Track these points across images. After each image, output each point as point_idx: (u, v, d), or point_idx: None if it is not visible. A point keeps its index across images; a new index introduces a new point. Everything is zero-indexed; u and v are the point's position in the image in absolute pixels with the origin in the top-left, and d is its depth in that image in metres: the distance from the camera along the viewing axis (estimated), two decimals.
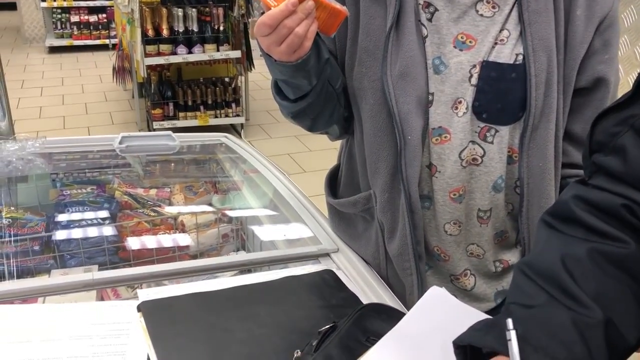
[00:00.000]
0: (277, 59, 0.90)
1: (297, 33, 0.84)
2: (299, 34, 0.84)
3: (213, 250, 1.60)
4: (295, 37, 0.85)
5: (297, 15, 0.83)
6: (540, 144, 0.95)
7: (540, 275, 0.70)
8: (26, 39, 7.85)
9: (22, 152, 1.69)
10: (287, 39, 0.85)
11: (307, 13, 0.84)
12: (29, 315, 0.93)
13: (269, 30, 0.84)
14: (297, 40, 0.85)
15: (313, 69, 0.93)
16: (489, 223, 1.01)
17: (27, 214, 1.57)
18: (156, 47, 4.43)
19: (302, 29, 0.84)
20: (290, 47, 0.86)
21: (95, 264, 1.47)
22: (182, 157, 1.95)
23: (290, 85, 0.96)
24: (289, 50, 0.87)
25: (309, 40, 0.87)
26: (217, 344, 0.87)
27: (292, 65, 0.90)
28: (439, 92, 0.95)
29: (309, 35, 0.86)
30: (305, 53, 0.88)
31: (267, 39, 0.86)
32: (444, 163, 0.97)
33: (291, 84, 0.96)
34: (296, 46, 0.86)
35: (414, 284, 1.03)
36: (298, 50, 0.87)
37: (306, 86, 0.95)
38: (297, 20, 0.84)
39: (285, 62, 0.90)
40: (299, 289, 1.03)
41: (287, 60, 0.89)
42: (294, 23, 0.84)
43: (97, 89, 6.06)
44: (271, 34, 0.85)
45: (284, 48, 0.86)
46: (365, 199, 1.08)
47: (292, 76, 0.93)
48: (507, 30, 0.94)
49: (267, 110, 5.39)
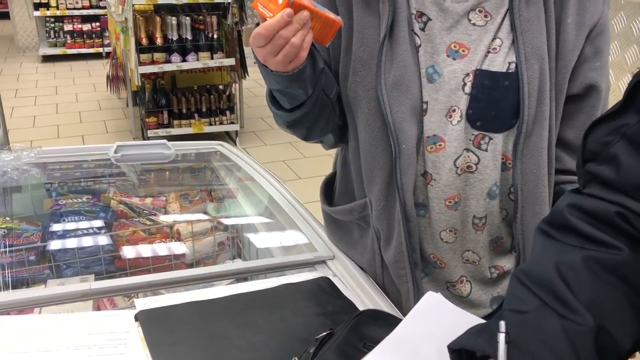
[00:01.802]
0: (273, 69, 0.90)
1: (293, 43, 0.85)
2: (295, 44, 0.85)
3: (209, 259, 1.61)
4: (291, 47, 0.85)
5: (293, 26, 0.84)
6: (534, 150, 0.96)
7: (534, 282, 0.71)
8: (19, 47, 7.84)
9: (17, 162, 1.69)
10: (284, 50, 0.86)
11: (303, 23, 0.85)
12: (26, 326, 0.93)
13: (264, 41, 0.85)
14: (293, 51, 0.86)
15: (309, 78, 0.93)
16: (484, 230, 1.02)
17: (22, 224, 1.57)
18: (150, 55, 4.44)
19: (298, 39, 0.85)
20: (286, 57, 0.87)
21: (91, 273, 1.47)
22: (177, 165, 1.95)
23: (285, 95, 0.97)
24: (285, 61, 0.87)
25: (305, 50, 0.87)
26: (215, 351, 0.88)
27: (288, 75, 0.91)
28: (433, 101, 0.96)
29: (305, 45, 0.87)
30: (301, 63, 0.89)
31: (263, 49, 0.87)
32: (439, 171, 0.98)
33: (287, 94, 0.97)
34: (292, 56, 0.87)
35: (410, 291, 1.03)
36: (294, 60, 0.88)
37: (302, 96, 0.96)
38: (293, 30, 0.84)
39: (282, 72, 0.90)
40: (296, 296, 1.04)
41: (283, 70, 0.90)
42: (290, 33, 0.84)
43: (91, 97, 6.05)
44: (267, 45, 0.86)
45: (280, 58, 0.87)
46: (360, 206, 1.08)
47: (287, 86, 0.94)
48: (499, 39, 0.95)
49: (262, 118, 5.40)
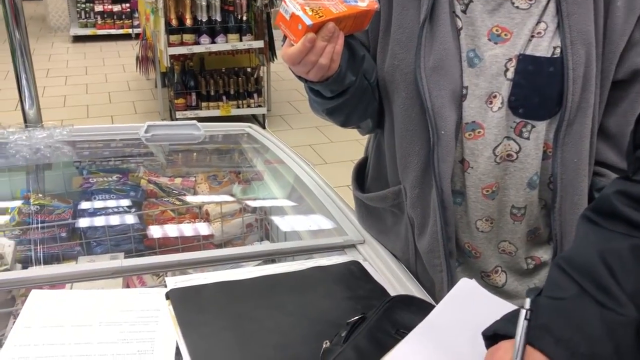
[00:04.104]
0: (308, 80, 0.91)
1: (321, 64, 0.85)
2: (322, 65, 0.85)
3: (237, 240, 1.61)
4: (319, 68, 0.85)
5: (318, 47, 0.83)
6: (576, 139, 0.93)
7: (575, 269, 0.69)
8: (51, 28, 7.94)
9: (50, 140, 1.71)
10: (312, 70, 0.86)
11: (329, 37, 0.83)
12: (59, 300, 0.95)
13: (292, 65, 0.86)
14: (323, 69, 0.86)
15: (348, 73, 0.93)
16: (523, 220, 1.00)
17: (54, 201, 1.59)
18: (179, 36, 4.45)
19: (325, 59, 0.85)
20: (317, 75, 0.87)
21: (121, 251, 1.49)
22: (205, 146, 1.95)
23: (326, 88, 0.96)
24: (317, 77, 0.88)
25: (336, 62, 0.87)
26: (244, 332, 0.87)
27: (323, 84, 0.91)
28: (474, 86, 0.93)
29: (335, 58, 0.86)
30: (334, 71, 0.89)
31: (293, 69, 0.88)
32: (477, 159, 0.95)
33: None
34: (323, 72, 0.87)
35: (444, 281, 1.02)
36: (327, 72, 0.88)
37: (343, 85, 0.95)
38: (319, 52, 0.84)
39: (317, 82, 0.91)
40: (325, 279, 1.03)
41: (318, 81, 0.90)
42: (316, 57, 0.84)
43: (120, 78, 6.11)
44: (296, 67, 0.86)
45: (312, 76, 0.88)
46: (394, 193, 1.07)
47: (325, 88, 0.94)
48: (544, 23, 0.92)
49: (289, 101, 5.39)
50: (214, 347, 0.84)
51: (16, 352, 0.83)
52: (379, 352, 0.78)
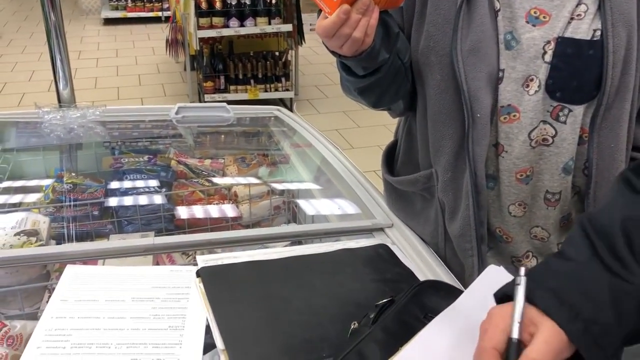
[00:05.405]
0: (341, 55, 0.90)
1: (355, 38, 0.84)
2: (356, 38, 0.84)
3: (264, 222, 1.62)
4: (353, 41, 0.84)
5: (352, 20, 0.82)
6: (613, 124, 0.91)
7: (595, 229, 0.68)
8: (83, 10, 8.04)
9: (83, 120, 1.74)
10: (346, 44, 0.85)
11: (363, 10, 0.82)
12: (94, 276, 0.97)
13: (325, 38, 0.85)
14: (357, 43, 0.85)
15: (382, 50, 0.91)
16: (557, 206, 0.98)
17: (86, 180, 1.62)
18: (209, 19, 4.46)
19: (360, 32, 0.83)
20: (351, 49, 0.86)
21: (151, 230, 1.51)
22: (234, 129, 1.96)
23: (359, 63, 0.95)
24: (351, 51, 0.87)
25: (370, 37, 0.86)
26: (274, 311, 0.88)
27: (356, 59, 0.90)
28: (510, 69, 0.92)
29: (369, 32, 0.85)
30: (368, 46, 0.88)
31: (326, 42, 0.87)
32: (511, 143, 0.94)
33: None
34: (357, 46, 0.86)
35: (474, 266, 1.01)
36: (360, 47, 0.87)
37: (376, 63, 0.94)
38: (353, 25, 0.83)
39: (350, 57, 0.90)
40: (354, 261, 1.03)
41: (352, 56, 0.89)
42: (350, 29, 0.83)
43: (150, 60, 6.16)
44: (330, 40, 0.85)
45: (345, 50, 0.86)
46: (425, 177, 1.06)
47: (358, 64, 0.93)
48: (584, 4, 0.89)
49: (316, 85, 5.38)
50: (243, 325, 0.85)
51: (53, 323, 0.85)
52: (406, 335, 0.78)
